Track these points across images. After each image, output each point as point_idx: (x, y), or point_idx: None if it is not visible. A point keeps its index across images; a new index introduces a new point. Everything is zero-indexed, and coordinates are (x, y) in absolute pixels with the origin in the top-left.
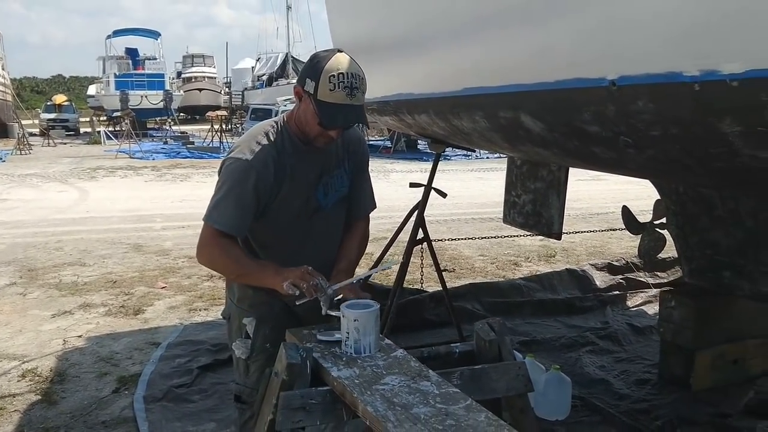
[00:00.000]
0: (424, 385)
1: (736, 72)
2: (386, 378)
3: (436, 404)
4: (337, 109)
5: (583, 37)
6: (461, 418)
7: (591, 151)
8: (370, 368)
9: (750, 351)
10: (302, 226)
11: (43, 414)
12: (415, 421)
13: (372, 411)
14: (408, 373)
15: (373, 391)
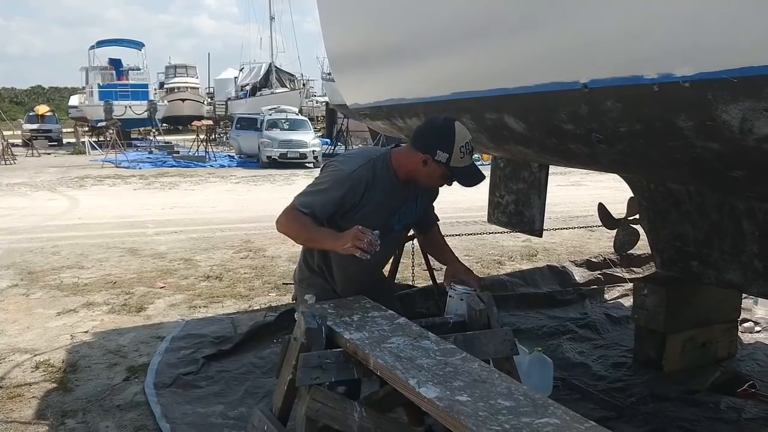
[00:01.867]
0: (425, 343)
1: (688, 74)
2: (392, 338)
3: (436, 357)
4: (467, 170)
5: (559, 47)
6: (458, 366)
7: (568, 148)
8: (377, 332)
9: (717, 335)
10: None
11: (60, 399)
12: (419, 368)
13: (382, 362)
14: (410, 335)
15: (381, 348)
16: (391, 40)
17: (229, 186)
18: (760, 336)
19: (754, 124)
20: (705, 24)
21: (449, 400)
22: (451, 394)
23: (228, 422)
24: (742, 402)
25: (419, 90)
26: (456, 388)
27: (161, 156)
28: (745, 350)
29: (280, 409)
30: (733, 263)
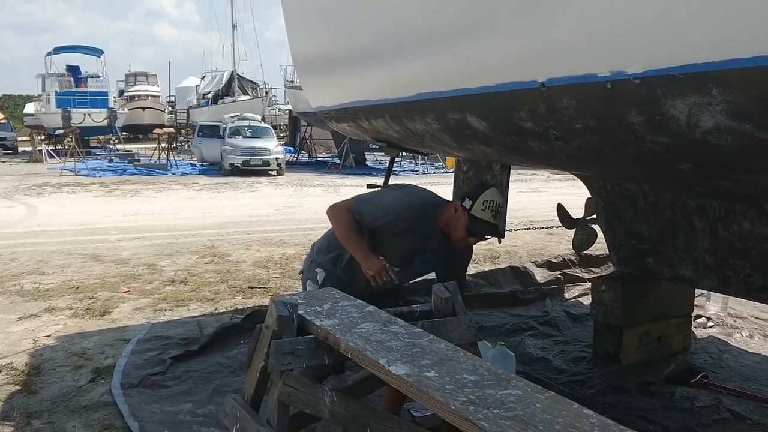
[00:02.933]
0: (393, 328)
1: (638, 72)
2: (362, 324)
3: (405, 339)
4: (484, 224)
5: (518, 47)
6: (426, 347)
7: (527, 146)
8: (347, 318)
9: (672, 329)
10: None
11: (24, 401)
12: (388, 350)
13: (353, 345)
14: (379, 321)
15: (352, 333)
16: (355, 44)
17: (192, 193)
18: (713, 331)
19: (700, 118)
20: (653, 23)
21: (417, 376)
22: (420, 371)
23: (197, 419)
24: (695, 392)
25: (384, 91)
26: (424, 366)
27: (122, 164)
28: (699, 344)
29: (252, 396)
30: (686, 259)
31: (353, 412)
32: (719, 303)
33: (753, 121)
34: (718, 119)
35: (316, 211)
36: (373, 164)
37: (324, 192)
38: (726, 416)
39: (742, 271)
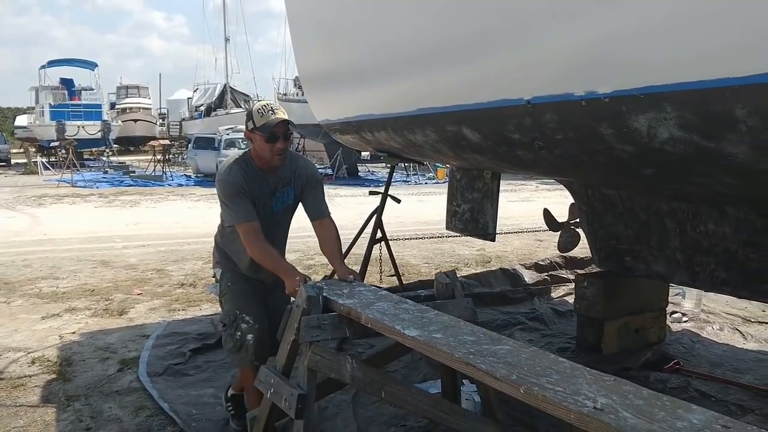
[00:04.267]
0: (404, 306)
1: (607, 92)
2: (377, 303)
3: (415, 313)
4: (270, 124)
5: (507, 70)
6: (432, 318)
7: (515, 154)
8: (365, 299)
9: (648, 322)
10: (265, 220)
11: (61, 387)
12: (402, 320)
13: (372, 317)
14: (392, 301)
15: (371, 309)
16: (359, 63)
17: (190, 203)
18: (687, 325)
19: (657, 130)
20: (619, 52)
21: (427, 336)
22: (429, 334)
23: (219, 401)
24: (667, 375)
25: (387, 106)
26: (432, 330)
27: (117, 176)
28: (674, 336)
29: (284, 365)
30: (660, 257)
31: (370, 377)
32: (693, 300)
33: (698, 133)
34: (671, 131)
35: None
36: (366, 175)
37: None
38: (694, 395)
39: (708, 267)
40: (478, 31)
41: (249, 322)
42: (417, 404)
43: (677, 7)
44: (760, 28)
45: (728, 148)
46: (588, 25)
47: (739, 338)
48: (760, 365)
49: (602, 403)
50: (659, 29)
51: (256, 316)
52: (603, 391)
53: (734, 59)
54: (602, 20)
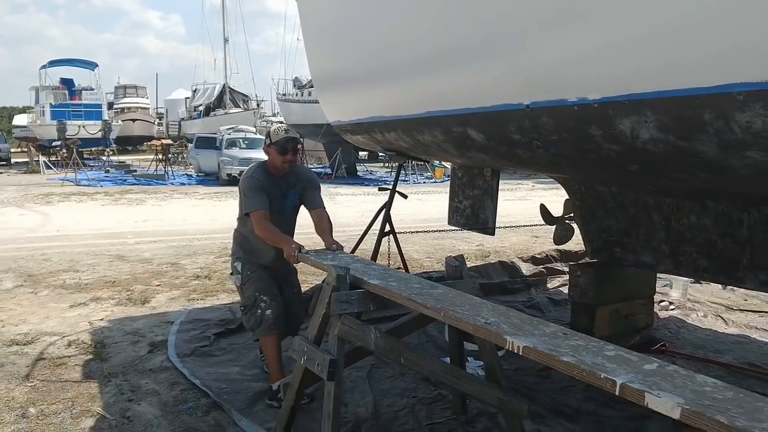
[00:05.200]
0: (373, 266)
1: (596, 98)
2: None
3: (379, 271)
4: (282, 140)
5: (509, 77)
6: (392, 273)
7: (515, 153)
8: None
9: (637, 308)
10: (277, 216)
11: (99, 366)
12: (369, 275)
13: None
14: (363, 263)
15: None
16: (371, 67)
17: (195, 201)
18: (674, 312)
19: (639, 132)
20: (606, 63)
21: (385, 284)
22: (387, 283)
23: (246, 377)
24: (653, 356)
25: (397, 109)
26: (390, 281)
27: (120, 175)
28: (661, 322)
29: (316, 335)
30: (647, 248)
31: (391, 345)
32: (680, 290)
33: (674, 134)
34: (651, 132)
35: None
36: (364, 174)
37: None
38: None
39: (690, 256)
40: (483, 40)
41: (266, 301)
42: (431, 369)
43: (655, 27)
44: (722, 46)
45: (699, 147)
46: (579, 40)
47: (721, 324)
48: (739, 347)
49: (491, 321)
50: (640, 45)
51: (272, 296)
52: (495, 315)
53: (702, 72)
54: (592, 36)
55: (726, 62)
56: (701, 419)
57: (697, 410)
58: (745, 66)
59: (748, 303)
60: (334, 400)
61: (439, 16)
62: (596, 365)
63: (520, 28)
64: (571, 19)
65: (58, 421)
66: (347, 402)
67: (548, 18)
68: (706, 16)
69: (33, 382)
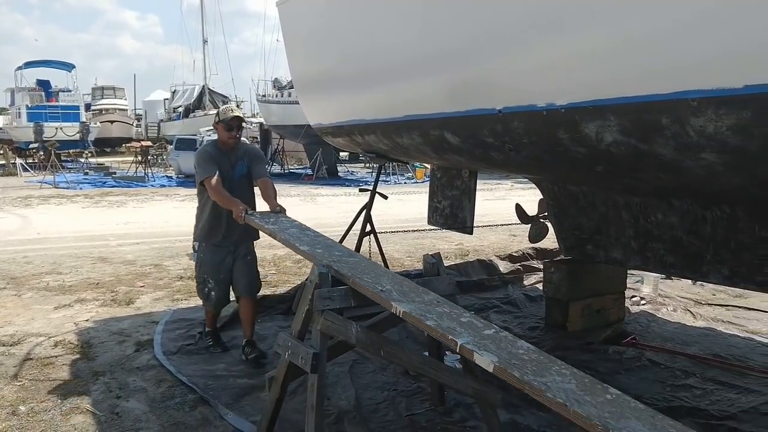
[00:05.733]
0: (307, 232)
1: (563, 104)
2: (290, 229)
3: (312, 237)
4: (228, 118)
5: (483, 84)
6: (321, 241)
7: (489, 155)
8: (283, 225)
9: (609, 303)
10: (228, 183)
11: (87, 365)
12: (302, 240)
13: (283, 237)
14: (300, 228)
15: (284, 233)
16: (351, 71)
17: (176, 203)
18: (645, 307)
19: (603, 135)
20: (572, 72)
21: (312, 250)
22: (313, 249)
23: (232, 374)
24: (624, 348)
25: (377, 112)
26: (317, 248)
27: (99, 177)
28: (632, 316)
29: (299, 330)
30: (617, 245)
31: (371, 339)
32: (651, 285)
33: (635, 137)
34: (614, 136)
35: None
36: (345, 175)
37: (301, 201)
38: (645, 364)
39: (658, 252)
40: (458, 48)
41: (212, 284)
42: (410, 361)
43: (618, 40)
44: (678, 57)
45: (658, 150)
46: (548, 50)
47: (690, 318)
48: (705, 339)
49: (386, 288)
50: (604, 55)
51: (217, 281)
52: (391, 284)
53: (659, 80)
54: (559, 46)
55: (681, 71)
56: (504, 373)
57: (503, 366)
58: (698, 75)
59: (716, 297)
60: (318, 392)
61: (417, 23)
62: (449, 329)
63: (492, 38)
64: (540, 31)
65: (49, 418)
66: (330, 395)
67: (518, 29)
68: (663, 31)
69: (22, 382)
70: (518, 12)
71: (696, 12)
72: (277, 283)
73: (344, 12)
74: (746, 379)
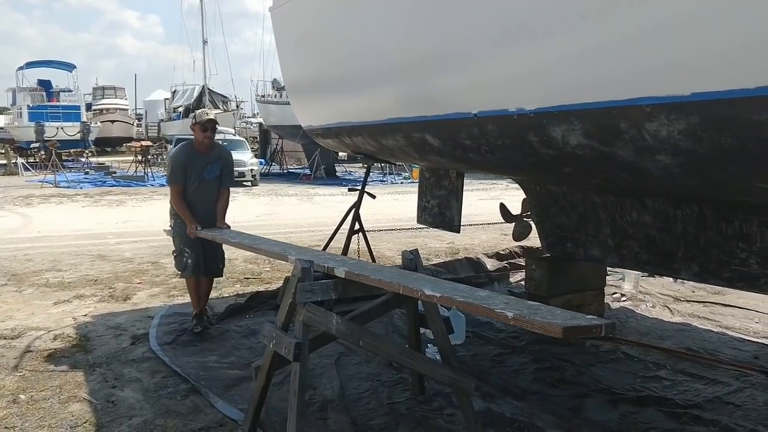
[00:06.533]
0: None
1: (532, 109)
2: (236, 238)
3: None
4: (205, 120)
5: (459, 89)
6: (274, 241)
7: (467, 156)
8: (227, 236)
9: (588, 299)
10: (197, 188)
11: (84, 357)
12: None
13: (354, 272)
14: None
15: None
16: (339, 76)
17: None
18: (626, 304)
19: (569, 138)
20: (539, 79)
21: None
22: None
23: (223, 365)
24: (601, 342)
25: (363, 115)
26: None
27: (99, 176)
28: (612, 313)
29: (283, 322)
30: (595, 243)
31: (351, 330)
32: (632, 282)
33: (597, 140)
34: (578, 139)
35: (293, 218)
36: (343, 175)
37: (298, 201)
38: (620, 356)
39: (633, 250)
40: (438, 55)
41: (188, 252)
42: (389, 351)
43: (578, 50)
44: (634, 66)
45: (618, 152)
46: (518, 59)
47: (667, 314)
48: (680, 334)
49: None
50: (567, 64)
51: (193, 249)
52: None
53: (617, 87)
54: (528, 55)
55: (636, 80)
56: (409, 291)
57: (410, 287)
58: (651, 83)
59: (695, 294)
60: (300, 379)
61: (398, 31)
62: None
63: (469, 46)
64: (510, 42)
65: (48, 406)
66: (316, 385)
67: (492, 39)
68: (619, 43)
69: (22, 372)
70: (491, 24)
71: (648, 27)
72: (270, 280)
73: (331, 19)
74: (715, 371)
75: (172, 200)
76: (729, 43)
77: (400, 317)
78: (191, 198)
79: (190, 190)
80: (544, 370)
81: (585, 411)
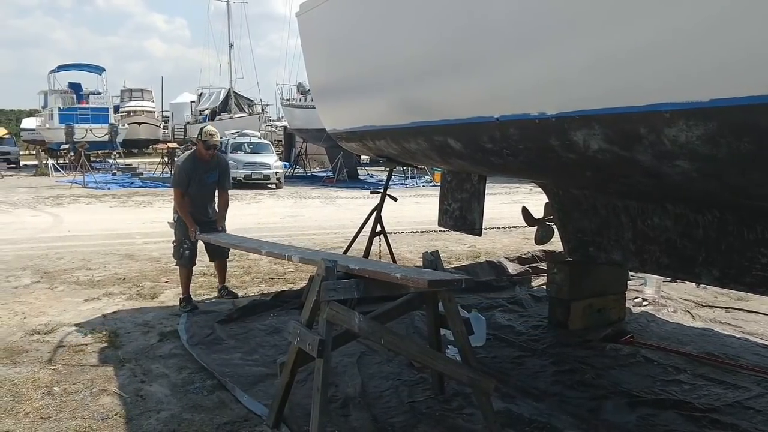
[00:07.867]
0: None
1: (554, 113)
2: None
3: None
4: (207, 140)
5: (482, 94)
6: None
7: (489, 160)
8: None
9: (610, 303)
10: (198, 189)
11: (114, 353)
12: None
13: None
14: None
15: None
16: (364, 80)
17: None
18: (647, 308)
19: (590, 143)
20: (561, 84)
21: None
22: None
23: (248, 362)
24: (621, 346)
25: (386, 119)
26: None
27: (126, 177)
28: (633, 317)
29: (308, 320)
30: (616, 247)
31: (373, 328)
32: (654, 287)
33: (618, 145)
34: (599, 143)
35: (316, 220)
36: (365, 178)
37: (321, 203)
38: (640, 360)
39: (654, 254)
40: (460, 61)
41: (187, 245)
42: (409, 349)
43: (600, 57)
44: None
45: (638, 157)
46: (540, 64)
47: (689, 318)
48: (701, 339)
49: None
50: (589, 70)
51: (191, 242)
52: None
53: (637, 93)
54: (550, 61)
55: (656, 86)
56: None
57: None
58: (671, 89)
59: (717, 300)
60: (323, 375)
61: (423, 37)
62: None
63: (491, 52)
64: (532, 47)
65: (80, 398)
66: (338, 383)
67: (515, 45)
68: (640, 50)
69: (55, 366)
70: (514, 30)
71: (668, 34)
72: (294, 280)
73: (356, 25)
74: (736, 376)
75: (174, 201)
76: (747, 50)
77: (420, 318)
78: (194, 197)
79: (193, 191)
80: (564, 373)
81: (603, 413)
